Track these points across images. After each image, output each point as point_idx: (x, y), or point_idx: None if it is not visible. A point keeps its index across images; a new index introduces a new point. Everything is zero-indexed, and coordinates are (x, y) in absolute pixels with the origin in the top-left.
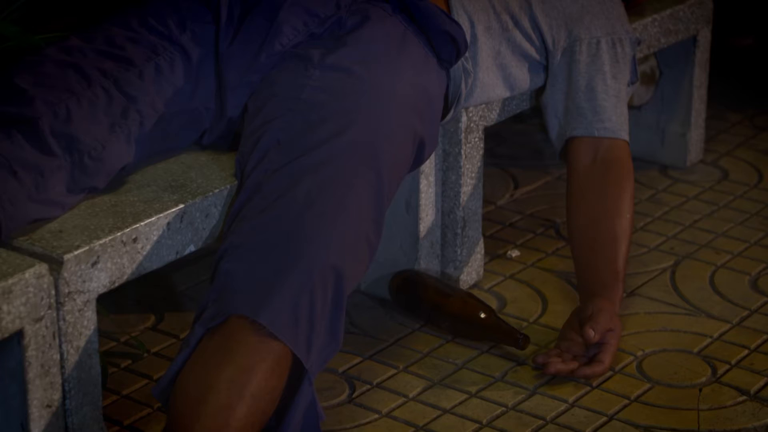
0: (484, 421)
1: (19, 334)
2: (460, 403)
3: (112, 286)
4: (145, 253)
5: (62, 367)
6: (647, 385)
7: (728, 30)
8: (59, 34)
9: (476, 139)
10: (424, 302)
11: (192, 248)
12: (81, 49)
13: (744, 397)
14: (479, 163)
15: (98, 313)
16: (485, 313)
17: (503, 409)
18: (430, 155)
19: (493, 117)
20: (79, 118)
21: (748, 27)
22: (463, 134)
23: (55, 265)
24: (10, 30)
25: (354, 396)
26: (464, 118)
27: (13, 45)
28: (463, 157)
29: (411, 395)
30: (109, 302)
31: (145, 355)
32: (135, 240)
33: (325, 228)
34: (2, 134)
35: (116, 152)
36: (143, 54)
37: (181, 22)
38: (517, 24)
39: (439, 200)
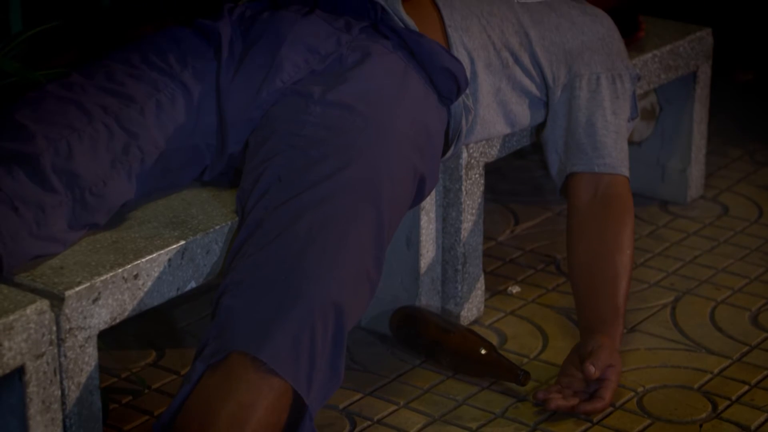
0: None
1: (20, 370)
2: None
3: (113, 323)
4: (146, 289)
5: (63, 403)
6: (648, 421)
7: (728, 65)
8: (60, 70)
9: (477, 176)
10: (424, 338)
11: (193, 284)
12: (82, 85)
13: None
14: (480, 199)
15: (99, 348)
16: (486, 349)
17: None
18: (430, 192)
19: (493, 153)
20: (81, 154)
21: (748, 62)
22: (463, 170)
23: (57, 301)
24: (11, 66)
25: None
26: (465, 155)
27: (15, 81)
28: (464, 193)
29: (412, 431)
30: (110, 338)
31: (146, 391)
32: (136, 276)
33: (326, 264)
34: (3, 170)
35: (117, 188)
36: (144, 90)
37: (182, 58)
38: (517, 60)
39: (440, 236)
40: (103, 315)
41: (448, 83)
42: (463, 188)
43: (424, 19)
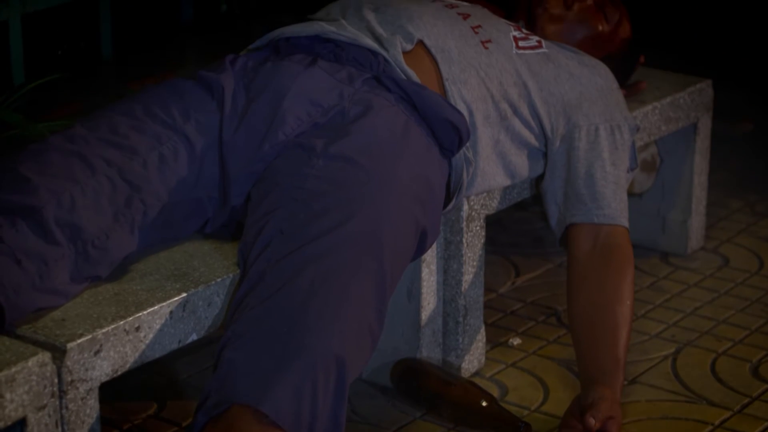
0: None
1: (21, 422)
2: None
3: (115, 375)
4: (147, 341)
5: None
6: None
7: (728, 117)
8: (63, 122)
9: (478, 228)
10: (425, 390)
11: (194, 337)
12: (85, 138)
13: None
14: (481, 251)
15: (100, 400)
16: (487, 401)
17: None
18: (432, 244)
19: (494, 205)
20: (83, 207)
21: (748, 113)
22: (464, 223)
23: (58, 353)
24: (14, 118)
25: None
26: (466, 207)
27: (17, 133)
28: (465, 245)
29: None
30: (111, 390)
31: None
32: (138, 329)
33: (328, 317)
34: (7, 223)
35: (120, 241)
36: (147, 143)
37: (185, 110)
38: (516, 112)
39: (441, 288)
40: (105, 367)
41: (450, 135)
42: (464, 240)
43: (423, 71)
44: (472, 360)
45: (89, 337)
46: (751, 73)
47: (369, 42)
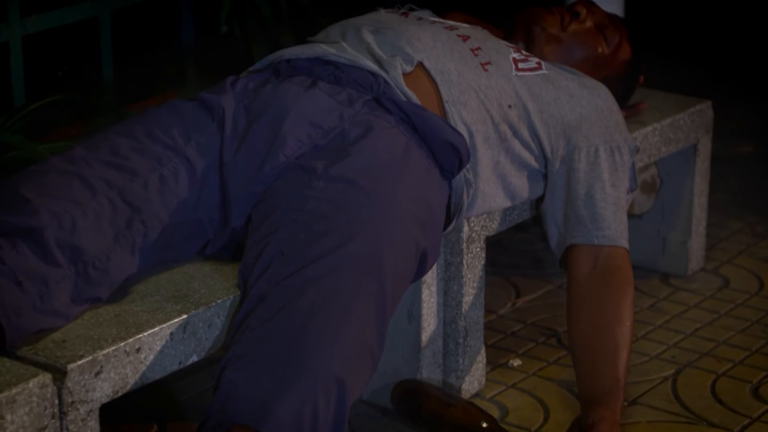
0: None
1: None
2: None
3: (115, 396)
4: (148, 363)
5: None
6: None
7: (728, 138)
8: (64, 143)
9: (478, 249)
10: (425, 411)
11: (195, 358)
12: (86, 159)
13: None
14: (481, 273)
15: (101, 422)
16: (487, 422)
17: None
18: (432, 266)
19: (494, 227)
20: (84, 228)
21: (748, 135)
22: (464, 244)
23: (59, 374)
24: (15, 139)
25: None
26: (466, 228)
27: (18, 154)
28: (465, 266)
29: None
30: (112, 411)
31: None
32: (138, 350)
33: (328, 339)
34: (7, 244)
35: (120, 263)
36: (148, 164)
37: (186, 132)
38: (515, 133)
39: (441, 310)
40: (105, 388)
41: (450, 157)
42: (464, 262)
43: (423, 93)
44: (473, 381)
45: (90, 358)
46: (751, 94)
47: (369, 64)
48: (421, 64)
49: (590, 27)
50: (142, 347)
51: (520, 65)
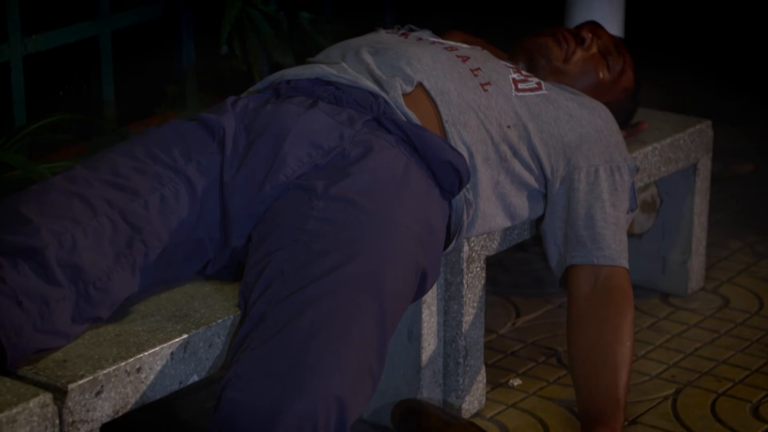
0: None
1: None
2: None
3: (116, 416)
4: (148, 382)
5: None
6: None
7: (728, 157)
8: (65, 163)
9: (478, 269)
10: (426, 431)
11: (195, 378)
12: (86, 179)
13: None
14: (481, 292)
15: None
16: None
17: None
18: (432, 285)
19: (494, 246)
20: (85, 248)
21: (748, 154)
22: (465, 264)
23: (59, 394)
24: (16, 159)
25: None
26: (466, 248)
27: (19, 174)
28: (465, 286)
29: None
30: (112, 430)
31: None
32: (139, 370)
33: (328, 358)
34: (8, 264)
35: (121, 282)
36: (149, 184)
37: (187, 152)
38: (515, 154)
39: (441, 329)
40: (106, 408)
41: (450, 177)
42: (464, 281)
43: (423, 113)
44: (473, 401)
45: (90, 378)
46: (750, 114)
47: (369, 84)
48: (420, 85)
49: (594, 54)
50: (142, 367)
51: (520, 85)
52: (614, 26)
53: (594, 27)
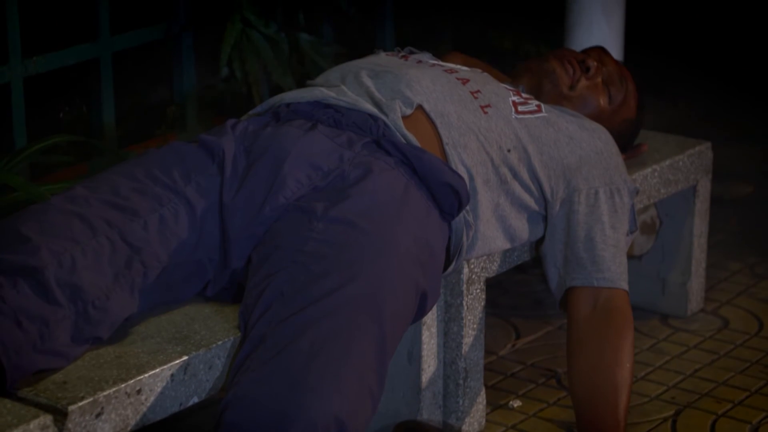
0: None
1: None
2: None
3: None
4: (148, 404)
5: None
6: None
7: (728, 179)
8: (65, 184)
9: (478, 291)
10: None
11: (195, 400)
12: (86, 199)
13: None
14: (481, 314)
15: None
16: None
17: None
18: (432, 307)
19: (494, 268)
20: (84, 267)
21: (748, 176)
22: (464, 285)
23: (60, 416)
24: (16, 181)
25: None
26: (466, 270)
27: (19, 196)
28: (465, 308)
29: None
30: None
31: None
32: (139, 391)
33: (328, 379)
34: (8, 283)
35: (120, 302)
36: (148, 205)
37: (186, 173)
38: (515, 176)
39: (441, 351)
40: (106, 430)
41: (450, 199)
42: (464, 303)
43: (423, 136)
44: (473, 422)
45: (91, 399)
46: (750, 135)
47: (369, 107)
48: (420, 107)
49: (597, 83)
50: (142, 389)
51: (520, 108)
52: (614, 29)
53: (600, 53)
